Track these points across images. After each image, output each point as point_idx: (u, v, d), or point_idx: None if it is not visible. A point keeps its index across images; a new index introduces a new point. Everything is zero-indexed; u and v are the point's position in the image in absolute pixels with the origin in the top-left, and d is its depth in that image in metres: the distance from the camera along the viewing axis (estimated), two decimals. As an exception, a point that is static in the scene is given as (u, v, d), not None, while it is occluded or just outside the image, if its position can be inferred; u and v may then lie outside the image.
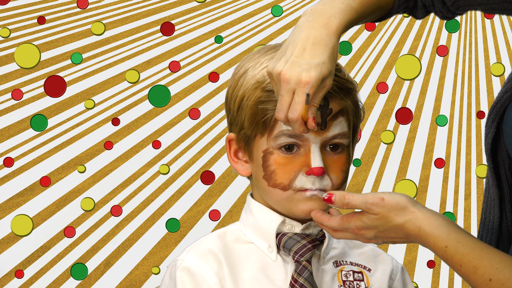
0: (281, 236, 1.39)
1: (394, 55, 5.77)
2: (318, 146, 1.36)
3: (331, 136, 1.37)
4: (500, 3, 1.44)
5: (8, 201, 4.72)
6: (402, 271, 1.48)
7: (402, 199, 1.30)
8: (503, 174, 1.42)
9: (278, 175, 1.36)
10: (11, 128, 4.95)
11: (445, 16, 1.54)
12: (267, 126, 1.37)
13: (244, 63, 1.42)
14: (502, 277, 1.22)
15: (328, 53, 1.31)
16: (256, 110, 1.37)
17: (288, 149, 1.36)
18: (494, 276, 1.23)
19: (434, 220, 1.28)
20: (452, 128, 5.59)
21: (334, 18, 1.34)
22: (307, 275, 1.37)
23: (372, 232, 1.32)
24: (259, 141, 1.38)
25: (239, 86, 1.40)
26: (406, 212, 1.29)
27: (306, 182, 1.36)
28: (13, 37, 4.96)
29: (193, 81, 5.26)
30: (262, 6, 5.45)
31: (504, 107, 1.38)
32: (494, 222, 1.44)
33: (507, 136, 1.36)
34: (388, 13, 1.52)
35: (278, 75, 1.30)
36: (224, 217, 4.61)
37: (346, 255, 1.45)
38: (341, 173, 1.39)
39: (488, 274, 1.23)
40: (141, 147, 5.07)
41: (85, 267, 4.21)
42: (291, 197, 1.37)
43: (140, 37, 5.31)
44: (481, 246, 1.26)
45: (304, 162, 1.36)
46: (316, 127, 1.32)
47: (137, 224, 4.70)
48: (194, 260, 1.39)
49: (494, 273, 1.23)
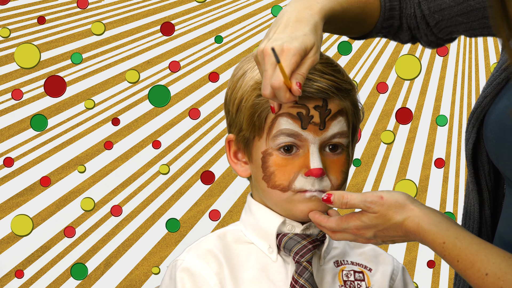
0: (281, 236, 1.39)
1: (394, 55, 5.77)
2: (317, 146, 1.36)
3: (330, 136, 1.37)
4: (479, 20, 1.45)
5: (8, 201, 4.72)
6: (403, 271, 1.48)
7: (401, 197, 1.30)
8: (483, 180, 1.42)
9: (278, 176, 1.36)
10: (11, 128, 4.95)
11: (429, 41, 1.53)
12: (265, 126, 1.37)
13: (243, 65, 1.43)
14: (498, 271, 1.22)
15: (310, 27, 1.30)
16: (254, 111, 1.37)
17: (287, 150, 1.36)
18: (491, 270, 1.22)
19: (432, 217, 1.28)
20: (452, 128, 5.58)
21: (316, 2, 1.34)
22: (307, 276, 1.37)
23: (371, 232, 1.32)
24: (258, 142, 1.38)
25: (238, 88, 1.40)
26: (405, 209, 1.29)
27: (305, 183, 1.36)
28: (13, 37, 4.96)
29: (193, 81, 5.26)
30: (262, 6, 5.44)
31: (484, 112, 1.38)
32: (473, 228, 1.44)
33: (487, 140, 1.36)
34: (371, 30, 1.51)
35: (261, 53, 1.29)
36: (224, 217, 4.61)
37: (346, 255, 1.45)
38: (341, 174, 1.39)
39: (484, 268, 1.23)
40: (141, 147, 5.07)
41: (85, 267, 4.21)
42: (291, 198, 1.37)
43: (140, 37, 5.30)
44: (478, 242, 1.26)
45: (303, 163, 1.36)
46: (301, 93, 1.29)
47: (137, 224, 4.70)
48: (194, 261, 1.39)
49: (491, 267, 1.23)
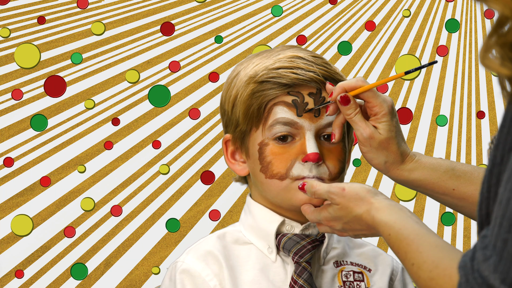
0: (280, 237, 1.40)
1: (394, 55, 5.77)
2: (313, 133, 1.37)
3: (325, 124, 1.38)
4: None
5: (8, 201, 4.72)
6: (403, 271, 1.48)
7: (361, 190, 1.30)
8: None
9: (275, 165, 1.37)
10: (11, 128, 4.95)
11: None
12: (262, 115, 1.38)
13: (236, 68, 1.45)
14: (420, 260, 1.17)
15: None
16: (250, 102, 1.38)
17: (282, 139, 1.37)
18: (416, 260, 1.18)
19: (387, 209, 1.26)
20: (452, 128, 5.58)
21: None
22: (306, 276, 1.37)
23: (339, 224, 1.32)
24: (254, 135, 1.39)
25: (232, 87, 1.42)
26: (364, 202, 1.28)
27: (303, 170, 1.36)
28: (13, 37, 4.96)
29: (193, 81, 5.26)
30: (262, 6, 5.44)
31: None
32: None
33: None
34: None
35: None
36: (224, 217, 4.60)
37: (346, 255, 1.45)
38: (338, 162, 1.39)
39: (412, 258, 1.19)
40: (141, 147, 5.07)
41: (85, 267, 4.21)
42: (289, 186, 1.37)
43: (140, 37, 5.30)
44: (419, 232, 1.22)
45: (300, 149, 1.37)
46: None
47: (137, 224, 4.70)
48: (194, 262, 1.39)
49: (417, 257, 1.18)
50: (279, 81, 1.37)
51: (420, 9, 5.48)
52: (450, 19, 4.66)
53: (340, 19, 5.35)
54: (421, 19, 5.46)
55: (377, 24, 5.25)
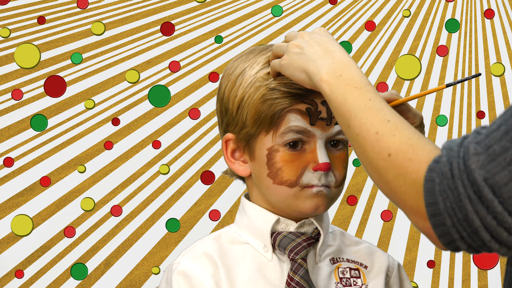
0: (276, 235, 1.39)
1: (394, 55, 5.77)
2: (324, 142, 1.37)
3: (335, 132, 1.38)
4: None
5: (8, 201, 4.72)
6: (399, 267, 1.48)
7: None
8: None
9: (285, 172, 1.36)
10: (11, 128, 4.95)
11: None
12: (274, 122, 1.37)
13: (239, 64, 1.42)
14: (399, 124, 1.15)
15: None
16: (261, 108, 1.37)
17: (293, 146, 1.37)
18: (393, 120, 1.16)
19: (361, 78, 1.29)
20: (452, 128, 5.58)
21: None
22: (302, 273, 1.37)
23: (297, 36, 1.33)
24: (263, 139, 1.38)
25: (238, 86, 1.40)
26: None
27: (312, 178, 1.36)
28: (13, 37, 4.96)
29: (193, 81, 5.26)
30: (262, 6, 5.44)
31: None
32: None
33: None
34: None
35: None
36: (224, 217, 4.60)
37: (342, 252, 1.45)
38: (343, 169, 1.40)
39: (387, 115, 1.18)
40: (141, 147, 5.07)
41: (85, 267, 4.21)
42: (298, 193, 1.37)
43: (140, 37, 5.30)
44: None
45: (311, 158, 1.36)
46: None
47: (137, 224, 4.70)
48: (189, 264, 1.39)
49: (396, 120, 1.16)
50: (293, 92, 1.36)
51: (420, 9, 5.48)
52: (450, 19, 4.67)
53: (340, 19, 5.35)
54: (421, 19, 5.46)
55: (377, 24, 5.24)
